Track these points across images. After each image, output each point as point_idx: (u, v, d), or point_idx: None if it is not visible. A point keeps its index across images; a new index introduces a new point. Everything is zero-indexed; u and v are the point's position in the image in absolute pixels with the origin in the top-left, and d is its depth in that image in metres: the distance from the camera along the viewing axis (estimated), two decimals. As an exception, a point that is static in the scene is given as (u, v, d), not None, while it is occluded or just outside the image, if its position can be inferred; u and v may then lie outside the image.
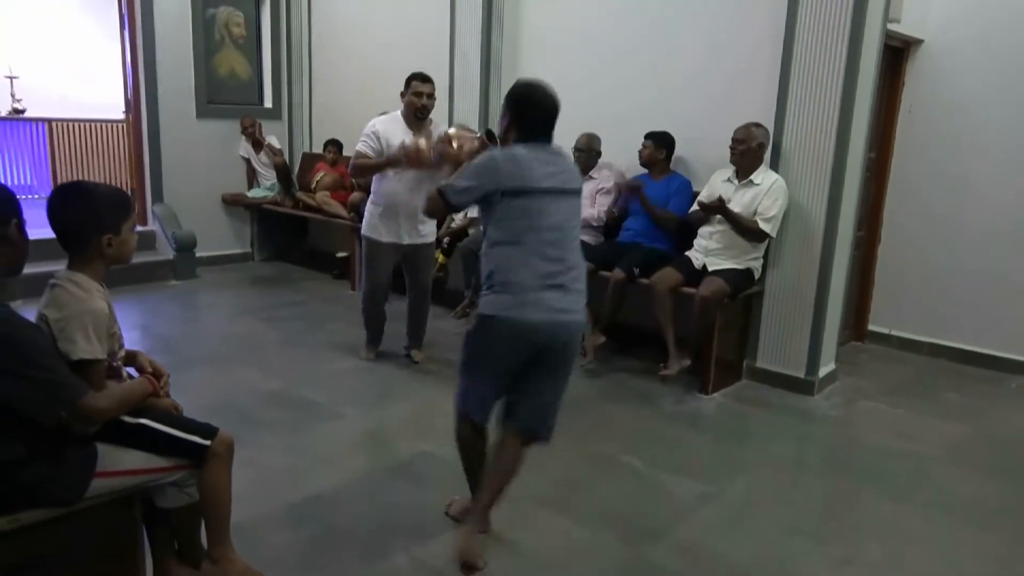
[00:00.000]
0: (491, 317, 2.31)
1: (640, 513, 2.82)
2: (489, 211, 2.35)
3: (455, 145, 2.70)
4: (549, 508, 2.81)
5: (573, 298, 2.35)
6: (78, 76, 9.11)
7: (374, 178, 4.09)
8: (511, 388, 2.42)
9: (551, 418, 2.46)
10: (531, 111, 2.38)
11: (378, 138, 3.93)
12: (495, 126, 2.52)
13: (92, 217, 1.85)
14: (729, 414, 3.84)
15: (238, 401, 3.64)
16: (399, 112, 4.04)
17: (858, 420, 3.85)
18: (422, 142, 3.53)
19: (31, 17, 8.88)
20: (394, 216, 4.04)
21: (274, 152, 6.52)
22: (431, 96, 3.96)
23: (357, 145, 4.00)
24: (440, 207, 2.42)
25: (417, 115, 3.95)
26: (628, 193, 4.28)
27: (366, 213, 4.17)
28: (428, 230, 4.19)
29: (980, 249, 4.60)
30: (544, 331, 2.30)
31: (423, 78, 3.95)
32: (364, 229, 4.17)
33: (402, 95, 4.01)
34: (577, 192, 2.44)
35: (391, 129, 3.95)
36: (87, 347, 1.77)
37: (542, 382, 2.40)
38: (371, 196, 4.15)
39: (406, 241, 4.10)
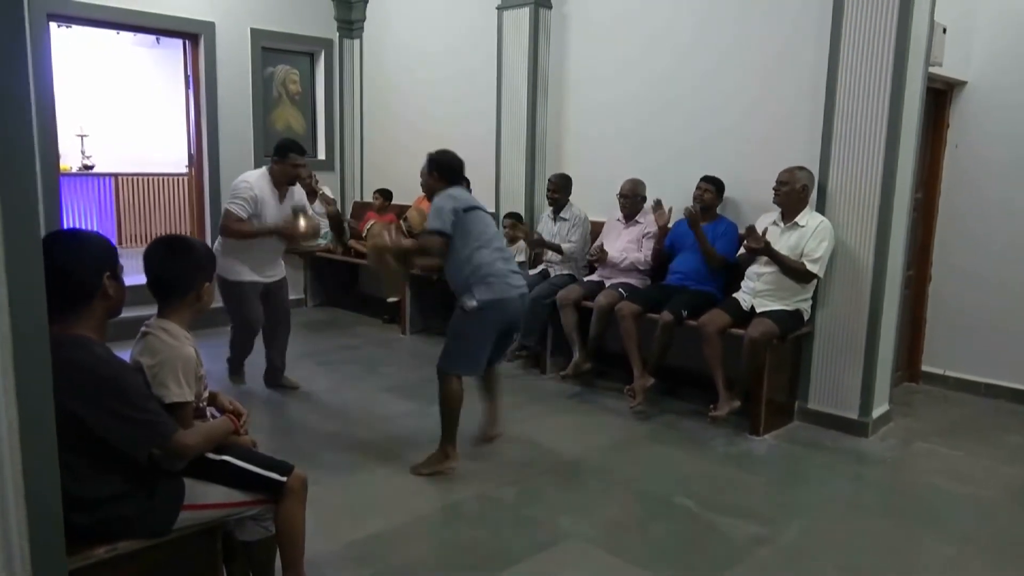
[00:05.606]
0: (491, 301, 3.30)
1: (694, 554, 2.84)
2: (453, 231, 3.30)
3: (387, 237, 3.56)
4: (603, 548, 2.84)
5: (522, 279, 3.51)
6: (144, 133, 9.63)
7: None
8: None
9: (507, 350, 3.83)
10: (449, 169, 3.53)
11: (255, 202, 4.20)
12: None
13: (194, 268, 2.04)
14: (782, 455, 3.83)
15: (297, 442, 3.76)
16: (265, 171, 4.35)
17: (915, 462, 3.80)
18: (301, 223, 4.26)
19: (101, 79, 9.44)
20: (254, 259, 4.32)
21: (327, 202, 6.76)
22: (304, 167, 4.42)
23: (230, 205, 4.20)
24: (438, 241, 3.32)
25: (289, 183, 4.38)
26: (688, 222, 4.29)
27: (222, 258, 4.16)
28: (280, 267, 4.55)
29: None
30: (518, 303, 3.42)
31: (300, 150, 4.35)
32: (224, 273, 4.24)
33: (276, 162, 4.31)
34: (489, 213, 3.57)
35: (263, 191, 4.26)
36: (178, 391, 1.92)
37: (507, 335, 3.58)
38: (221, 242, 4.30)
39: (267, 279, 4.43)
